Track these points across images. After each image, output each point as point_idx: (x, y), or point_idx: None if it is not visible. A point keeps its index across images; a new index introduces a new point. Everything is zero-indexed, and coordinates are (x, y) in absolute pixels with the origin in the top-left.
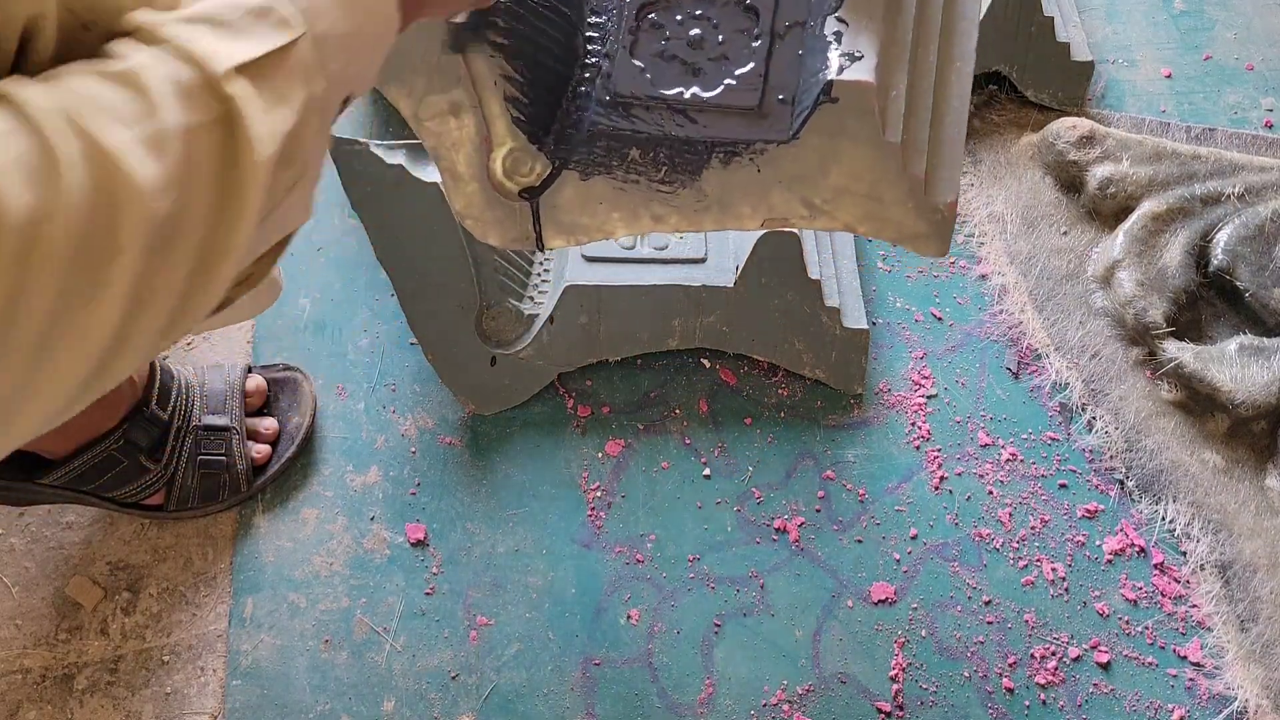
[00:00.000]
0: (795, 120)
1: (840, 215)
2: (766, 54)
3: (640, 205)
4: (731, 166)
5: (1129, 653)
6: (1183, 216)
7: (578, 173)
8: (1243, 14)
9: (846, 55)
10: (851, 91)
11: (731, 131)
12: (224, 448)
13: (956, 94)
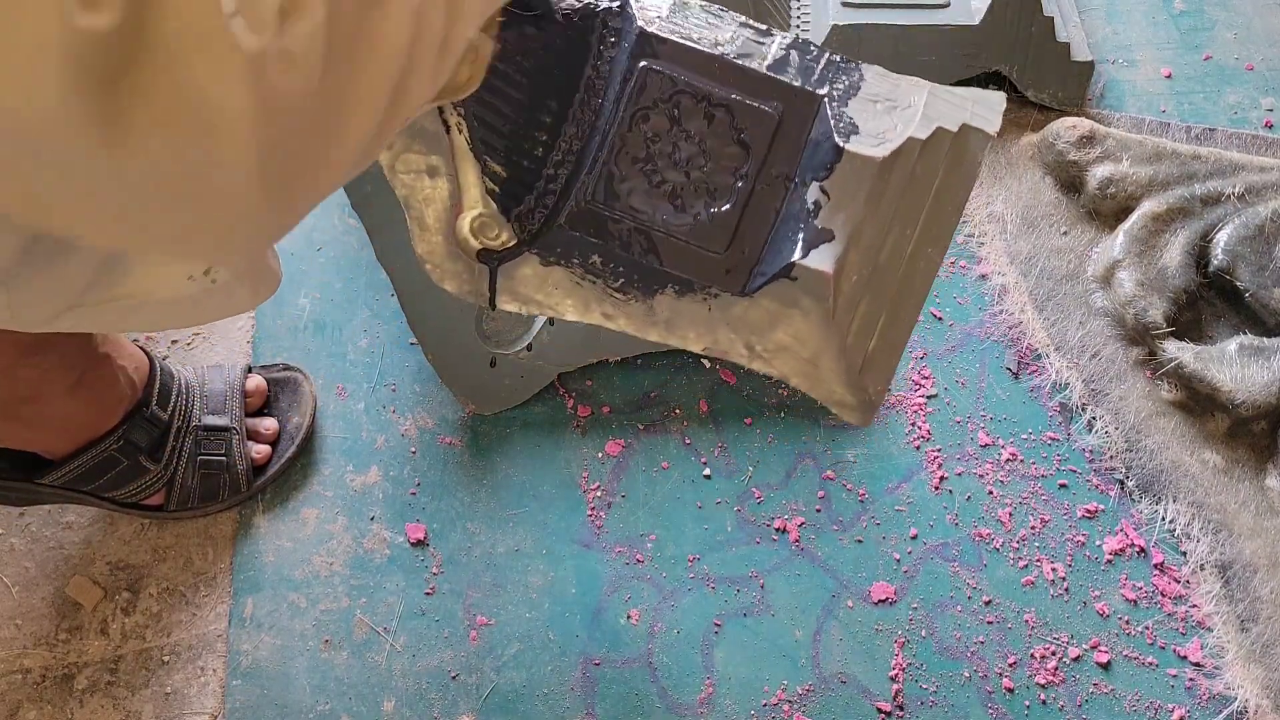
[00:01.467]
0: (753, 281)
1: (777, 365)
2: (746, 199)
3: (593, 301)
4: (685, 299)
5: (1129, 653)
6: (1183, 216)
7: (538, 257)
8: (1243, 14)
9: (819, 231)
10: (810, 277)
11: (691, 271)
12: (224, 448)
13: (921, 281)
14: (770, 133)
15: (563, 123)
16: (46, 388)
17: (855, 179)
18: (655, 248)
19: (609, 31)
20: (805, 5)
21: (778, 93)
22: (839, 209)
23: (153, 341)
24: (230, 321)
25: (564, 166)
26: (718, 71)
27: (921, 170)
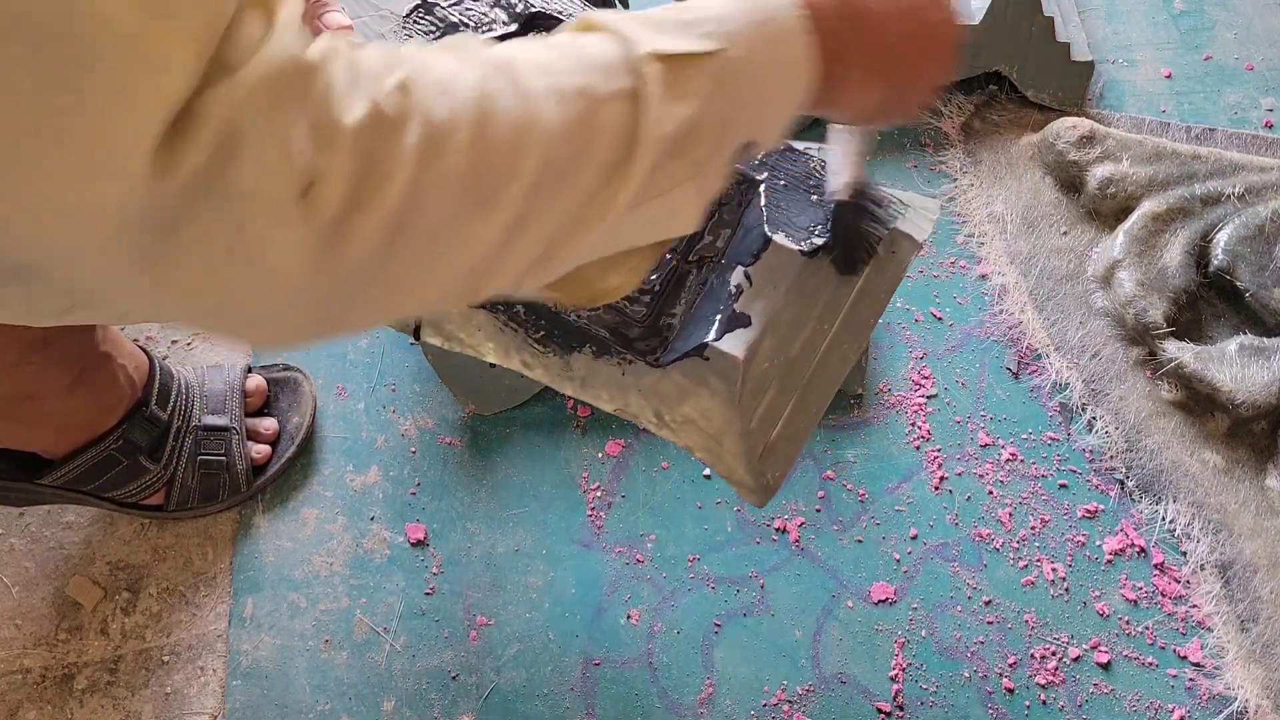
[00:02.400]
0: (667, 354)
1: (683, 437)
2: (671, 272)
3: (513, 348)
4: (600, 360)
5: (1129, 653)
6: (1183, 216)
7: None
8: (1243, 14)
9: (736, 316)
10: (721, 360)
11: (608, 334)
12: (224, 448)
13: (832, 375)
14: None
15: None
16: (47, 385)
17: (779, 270)
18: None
19: None
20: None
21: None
22: (760, 296)
23: (153, 342)
24: None
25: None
26: None
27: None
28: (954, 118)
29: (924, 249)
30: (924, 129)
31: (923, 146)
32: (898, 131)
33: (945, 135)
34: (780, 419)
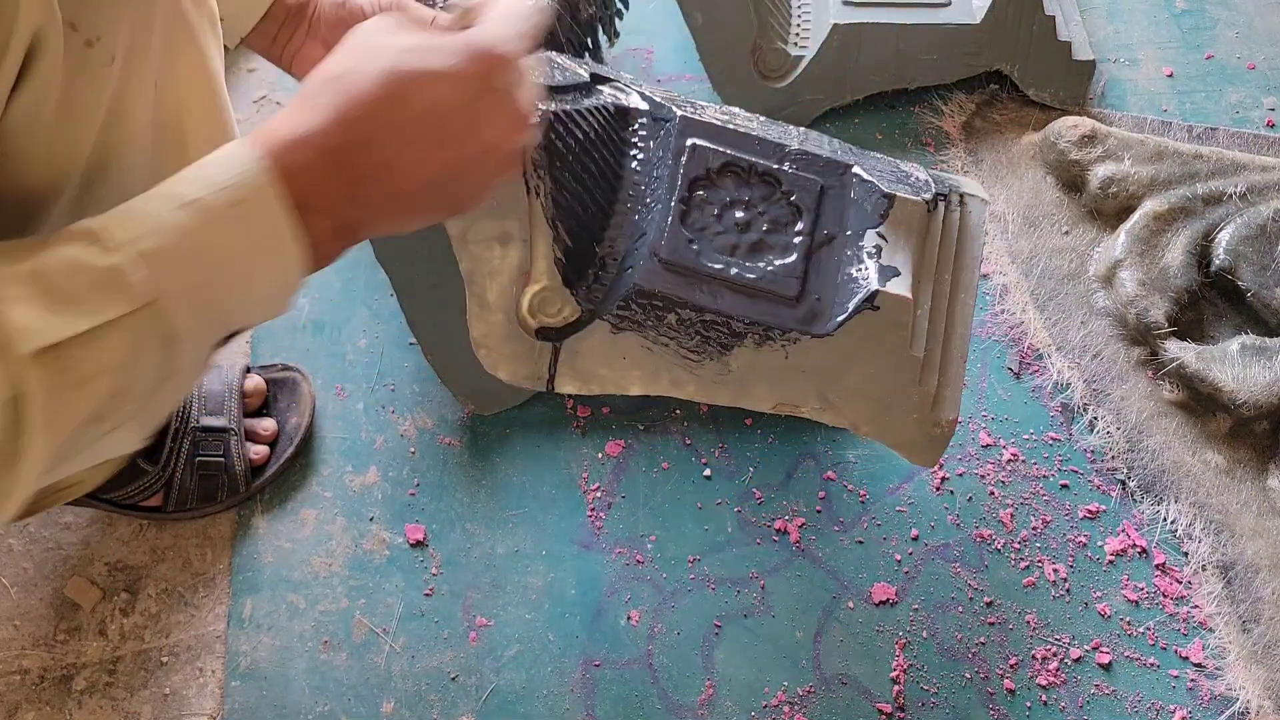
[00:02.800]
0: (833, 319)
1: (848, 413)
2: (807, 252)
3: (663, 368)
4: (763, 349)
5: (1131, 654)
6: (1184, 216)
7: (610, 324)
8: (1244, 13)
9: (885, 269)
10: (892, 304)
11: (773, 317)
12: (222, 448)
13: (961, 321)
14: (816, 196)
15: (614, 202)
16: None
17: (906, 224)
18: (732, 299)
19: (642, 125)
20: (805, 5)
21: (815, 164)
22: (896, 250)
23: None
24: None
25: (622, 240)
26: (759, 149)
27: (946, 224)
28: (955, 117)
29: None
30: (925, 128)
31: (924, 146)
32: (898, 131)
33: (946, 134)
34: (937, 365)
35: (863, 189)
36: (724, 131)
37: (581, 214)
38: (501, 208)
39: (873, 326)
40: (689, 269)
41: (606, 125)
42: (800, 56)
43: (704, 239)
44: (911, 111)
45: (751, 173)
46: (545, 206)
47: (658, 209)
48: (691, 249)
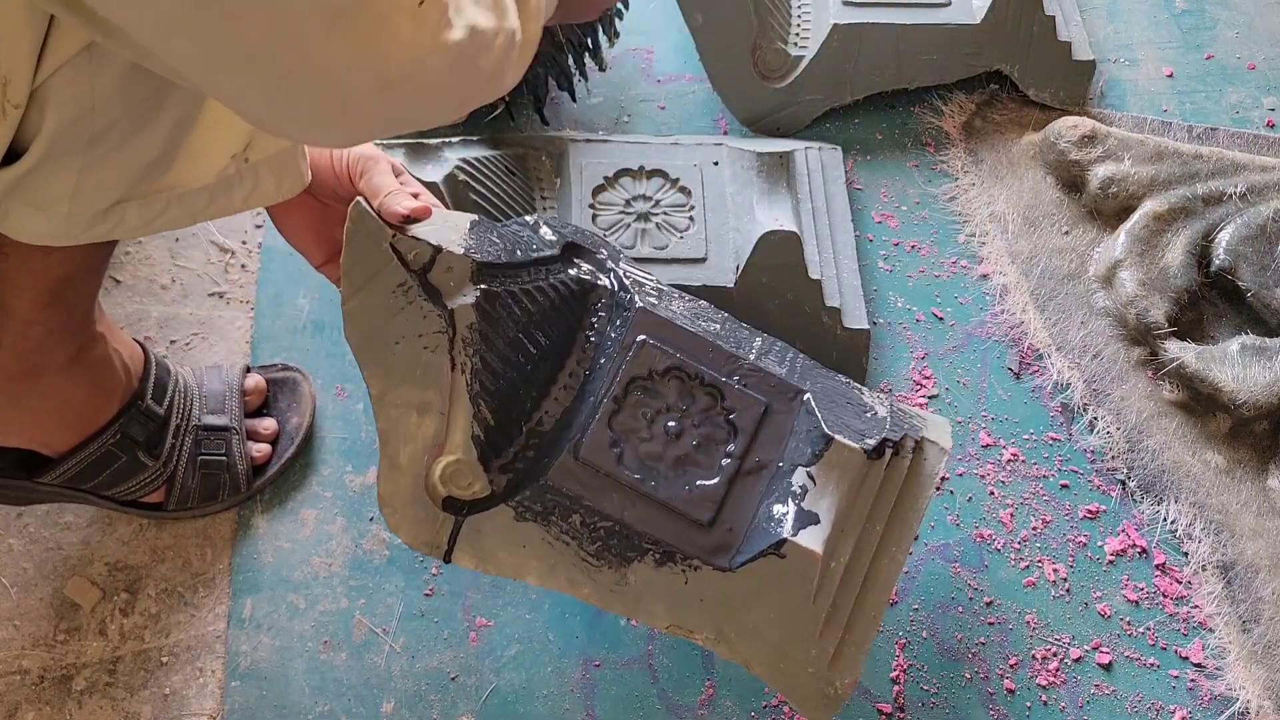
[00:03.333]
0: (739, 555)
1: (742, 651)
2: (731, 477)
3: (561, 565)
4: (663, 569)
5: (1130, 654)
6: (1184, 216)
7: (514, 511)
8: (1244, 13)
9: (805, 514)
10: (799, 556)
11: (676, 539)
12: (224, 447)
13: (883, 579)
14: (757, 419)
15: (552, 384)
16: (47, 357)
17: (840, 468)
18: (642, 513)
19: (601, 307)
20: (805, 5)
21: (765, 383)
22: (823, 495)
23: (151, 341)
24: (229, 322)
25: (550, 423)
26: (711, 357)
27: (891, 472)
28: (955, 117)
29: (947, 455)
30: (925, 128)
31: (924, 146)
32: (898, 131)
33: (946, 134)
34: (843, 623)
35: (806, 421)
36: (679, 332)
37: (509, 393)
38: (424, 377)
39: (777, 573)
40: (604, 473)
41: (564, 302)
42: (800, 56)
43: (629, 442)
44: (911, 111)
45: (697, 381)
46: (469, 383)
47: (589, 401)
48: (612, 452)
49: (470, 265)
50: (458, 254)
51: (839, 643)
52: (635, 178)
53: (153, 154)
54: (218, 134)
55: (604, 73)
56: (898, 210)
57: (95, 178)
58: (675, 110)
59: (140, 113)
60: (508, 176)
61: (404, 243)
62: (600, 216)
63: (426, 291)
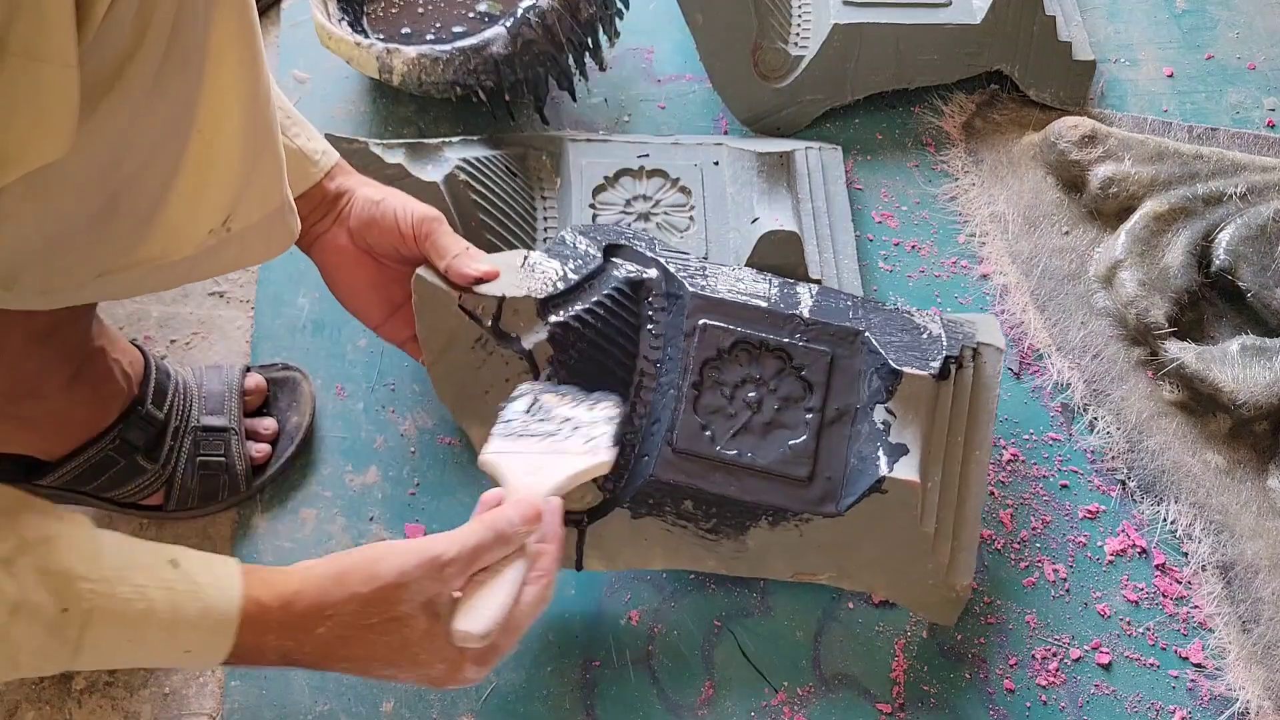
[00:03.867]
0: (843, 500)
1: (865, 579)
2: (818, 430)
3: (683, 546)
4: (778, 529)
5: (1130, 654)
6: (1185, 216)
7: (629, 511)
8: (1245, 13)
9: (894, 447)
10: (899, 488)
11: (783, 500)
12: (223, 448)
13: (976, 481)
14: (827, 369)
15: (630, 384)
16: (46, 381)
17: (915, 397)
18: (745, 484)
19: (655, 299)
20: (805, 5)
21: (824, 333)
22: (905, 425)
23: (150, 342)
24: (229, 321)
25: (641, 422)
26: (768, 322)
27: (958, 384)
28: (955, 117)
29: (1004, 351)
30: (925, 128)
31: (924, 146)
32: (898, 130)
33: (947, 134)
34: (949, 533)
35: (871, 360)
36: (734, 307)
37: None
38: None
39: (883, 507)
40: (703, 456)
41: (620, 307)
42: (800, 56)
43: (717, 422)
44: (911, 111)
45: (762, 349)
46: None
47: (671, 393)
48: (705, 436)
49: (534, 303)
50: (520, 296)
51: (951, 551)
52: (635, 177)
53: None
54: (192, 212)
55: (604, 72)
56: (898, 210)
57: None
58: (675, 110)
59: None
60: (508, 176)
61: (470, 300)
62: (600, 216)
63: (501, 339)
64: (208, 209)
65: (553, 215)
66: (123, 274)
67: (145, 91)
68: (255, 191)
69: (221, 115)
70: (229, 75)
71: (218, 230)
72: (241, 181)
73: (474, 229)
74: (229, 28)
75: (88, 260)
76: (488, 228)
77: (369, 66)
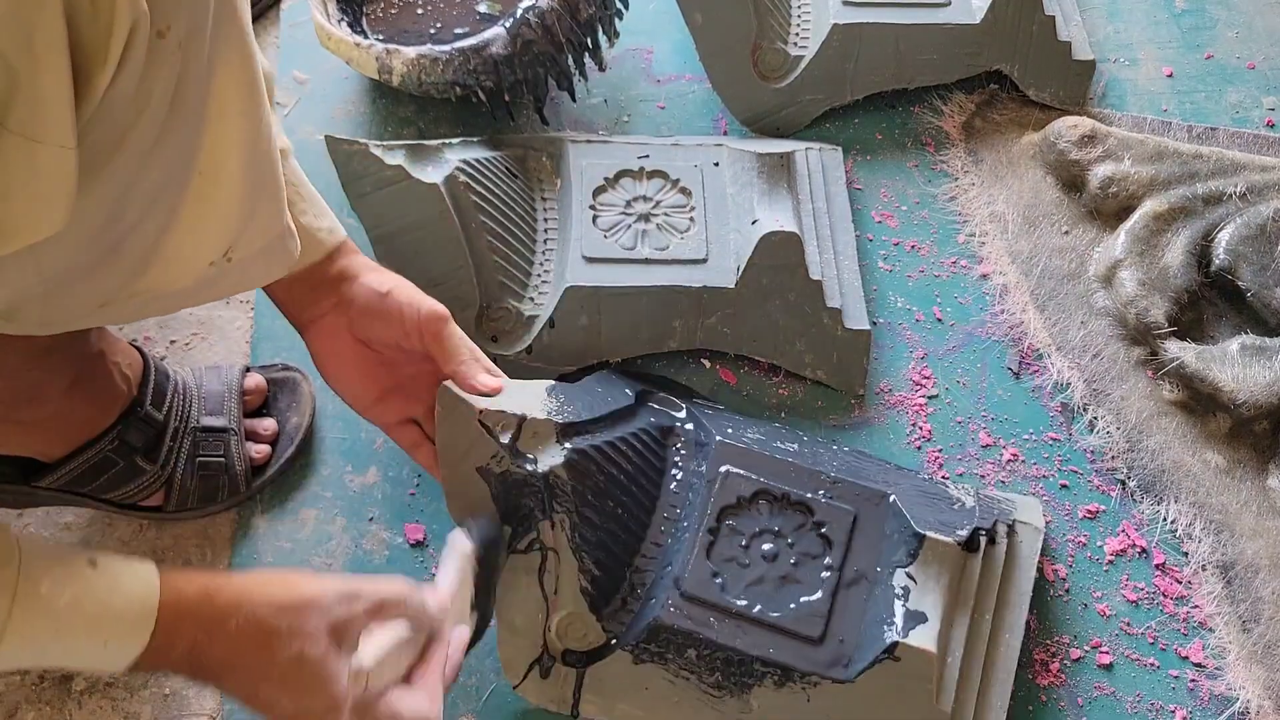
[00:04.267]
0: (854, 665)
1: None
2: (834, 589)
3: (685, 700)
4: (784, 690)
5: (1131, 654)
6: (1184, 216)
7: (631, 655)
8: (1244, 13)
9: (912, 614)
10: (913, 656)
11: (791, 658)
12: (222, 449)
13: (1003, 667)
14: (849, 529)
15: (647, 526)
16: (45, 388)
17: (938, 564)
18: (753, 636)
19: (681, 445)
20: (805, 4)
21: (850, 492)
22: (926, 592)
23: (150, 342)
24: (229, 322)
25: (652, 565)
26: (793, 476)
27: (989, 560)
28: (955, 117)
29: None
30: (925, 128)
31: (923, 145)
32: (898, 131)
33: (946, 134)
34: (972, 718)
35: (896, 523)
36: (760, 457)
37: (611, 545)
38: (529, 539)
39: (896, 676)
40: (712, 604)
41: (646, 448)
42: (800, 56)
43: (729, 570)
44: (911, 111)
45: (784, 501)
46: (570, 538)
47: (685, 537)
48: (715, 583)
49: (554, 427)
50: (541, 419)
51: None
52: (635, 178)
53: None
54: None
55: (604, 73)
56: (898, 210)
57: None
58: (675, 110)
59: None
60: (508, 178)
61: (491, 416)
62: (600, 217)
63: (517, 458)
64: (209, 243)
65: (553, 216)
66: (123, 303)
67: (146, 152)
68: (257, 224)
69: (223, 158)
70: (231, 121)
71: (219, 262)
72: (243, 217)
73: (474, 231)
74: (232, 74)
75: (88, 296)
76: (488, 229)
77: (368, 67)
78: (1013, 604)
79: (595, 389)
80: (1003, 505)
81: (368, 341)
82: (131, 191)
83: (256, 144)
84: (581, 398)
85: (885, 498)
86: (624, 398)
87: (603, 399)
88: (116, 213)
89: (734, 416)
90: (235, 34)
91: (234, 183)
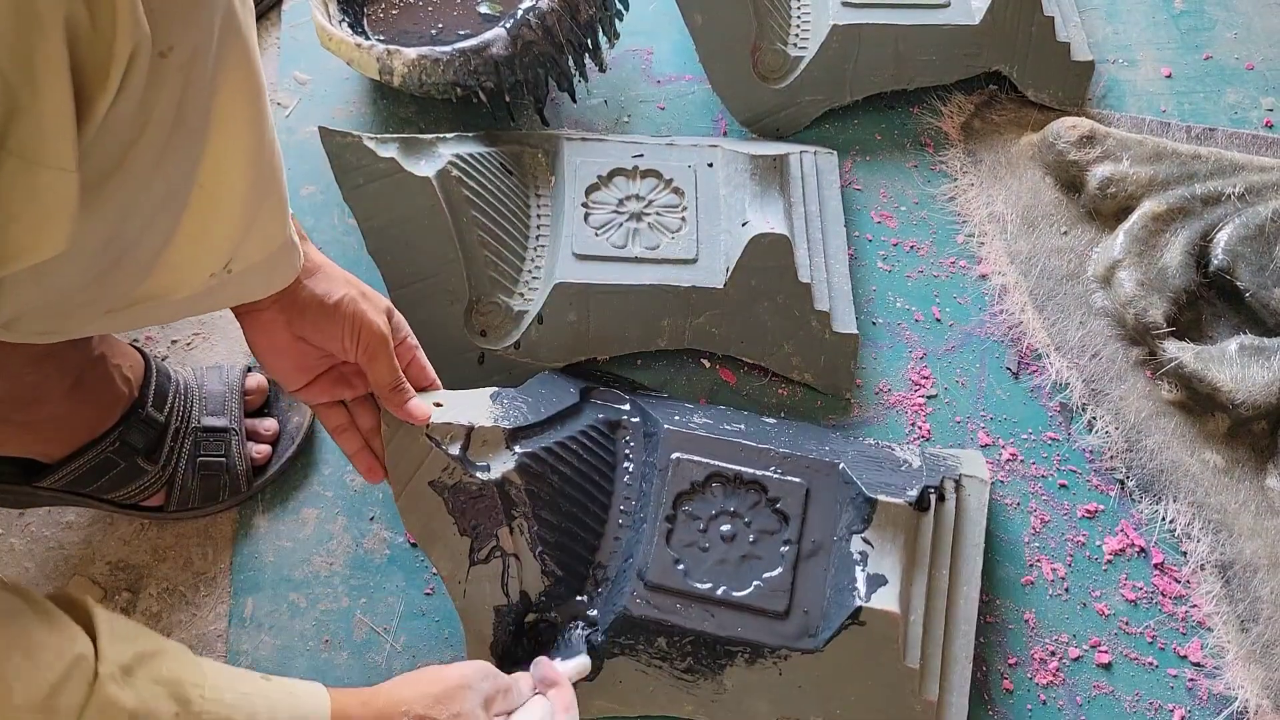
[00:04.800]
0: (822, 634)
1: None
2: (794, 563)
3: (659, 690)
4: (756, 667)
5: (1129, 653)
6: (1183, 216)
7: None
8: (1243, 13)
9: (872, 578)
10: (878, 618)
11: (760, 635)
12: (224, 448)
13: (964, 618)
14: (802, 500)
15: (605, 522)
16: (46, 391)
17: (892, 526)
18: (720, 618)
19: (630, 437)
20: (805, 5)
21: (800, 465)
22: (884, 555)
23: (152, 342)
24: (231, 322)
25: (614, 559)
26: (743, 455)
27: (941, 516)
28: (954, 117)
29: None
30: (924, 129)
31: (923, 146)
32: (897, 131)
33: (945, 135)
34: (938, 671)
35: (847, 491)
36: (708, 441)
37: (570, 544)
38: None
39: (863, 640)
40: (676, 590)
41: (596, 444)
42: (800, 57)
43: (690, 556)
44: (911, 112)
45: (737, 481)
46: (530, 541)
47: (644, 528)
48: (678, 569)
49: (503, 433)
50: (489, 426)
51: (939, 693)
52: (629, 177)
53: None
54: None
55: (604, 73)
56: (897, 210)
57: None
58: (675, 110)
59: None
60: (502, 173)
61: (438, 429)
62: (593, 215)
63: (469, 467)
64: (209, 255)
65: (547, 213)
66: (123, 313)
67: (149, 170)
68: (257, 235)
69: (225, 172)
70: (235, 137)
71: (219, 274)
72: (244, 229)
73: (465, 225)
74: (236, 89)
75: (88, 308)
76: (479, 224)
77: (369, 68)
78: (967, 556)
79: (539, 391)
80: (948, 461)
81: (305, 339)
82: (133, 208)
83: (259, 157)
84: (526, 401)
85: (835, 467)
86: (569, 397)
87: (548, 400)
88: (117, 229)
89: (679, 403)
90: (239, 48)
91: (236, 196)
